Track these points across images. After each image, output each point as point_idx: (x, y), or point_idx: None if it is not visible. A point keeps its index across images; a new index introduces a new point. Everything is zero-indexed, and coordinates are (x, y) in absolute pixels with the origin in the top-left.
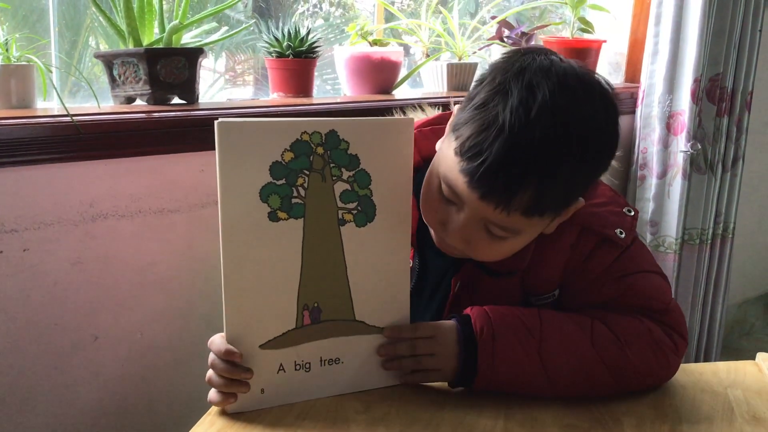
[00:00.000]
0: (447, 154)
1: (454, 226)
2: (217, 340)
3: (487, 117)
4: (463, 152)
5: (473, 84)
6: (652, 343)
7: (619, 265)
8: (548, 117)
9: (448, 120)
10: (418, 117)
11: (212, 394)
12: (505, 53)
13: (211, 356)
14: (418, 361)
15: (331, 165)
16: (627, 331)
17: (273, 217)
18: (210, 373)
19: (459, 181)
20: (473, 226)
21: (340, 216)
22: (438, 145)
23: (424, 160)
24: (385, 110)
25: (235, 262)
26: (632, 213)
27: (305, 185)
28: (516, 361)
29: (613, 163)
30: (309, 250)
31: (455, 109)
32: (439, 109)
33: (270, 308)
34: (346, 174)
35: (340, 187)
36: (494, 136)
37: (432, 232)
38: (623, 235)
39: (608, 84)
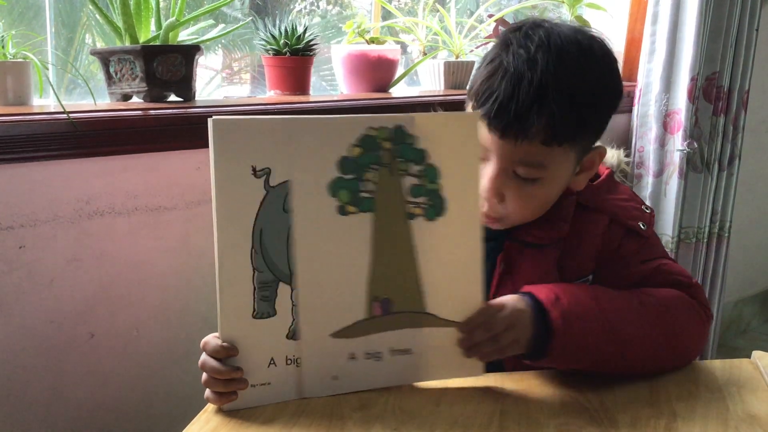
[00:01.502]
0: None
1: (488, 182)
2: (212, 341)
3: (493, 66)
4: (478, 100)
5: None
6: (691, 308)
7: (644, 252)
8: (546, 51)
9: None
10: None
11: (209, 394)
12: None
13: (203, 357)
14: (496, 340)
15: (399, 159)
16: (668, 299)
17: (342, 211)
18: (205, 375)
19: (480, 131)
20: (503, 174)
21: (408, 210)
22: None
23: None
24: (383, 108)
25: (307, 256)
26: (649, 211)
27: (374, 179)
28: (586, 321)
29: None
30: (378, 243)
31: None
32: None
33: (340, 299)
34: (414, 168)
35: (408, 181)
36: (501, 77)
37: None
38: (645, 228)
39: (603, 36)
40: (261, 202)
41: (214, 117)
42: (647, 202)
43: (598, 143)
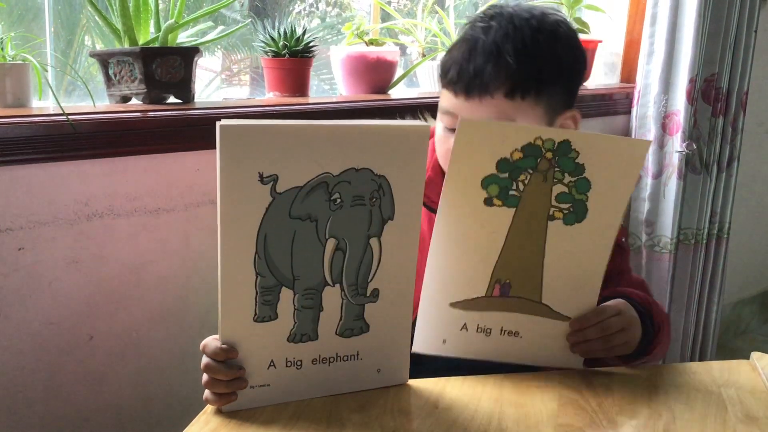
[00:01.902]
0: (441, 97)
1: None
2: (212, 343)
3: (453, 43)
4: (443, 73)
5: None
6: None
7: (619, 265)
8: (500, 18)
9: None
10: None
11: (209, 395)
12: None
13: (205, 359)
14: (608, 341)
15: (556, 169)
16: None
17: (489, 202)
18: (206, 377)
19: (447, 98)
20: None
21: (551, 212)
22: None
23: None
24: (381, 110)
25: (446, 234)
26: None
27: (526, 181)
28: (667, 323)
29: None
30: (514, 234)
31: None
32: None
33: (466, 275)
34: (568, 179)
35: (558, 188)
36: (459, 46)
37: None
38: (624, 240)
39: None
40: (267, 208)
41: (221, 122)
42: (646, 204)
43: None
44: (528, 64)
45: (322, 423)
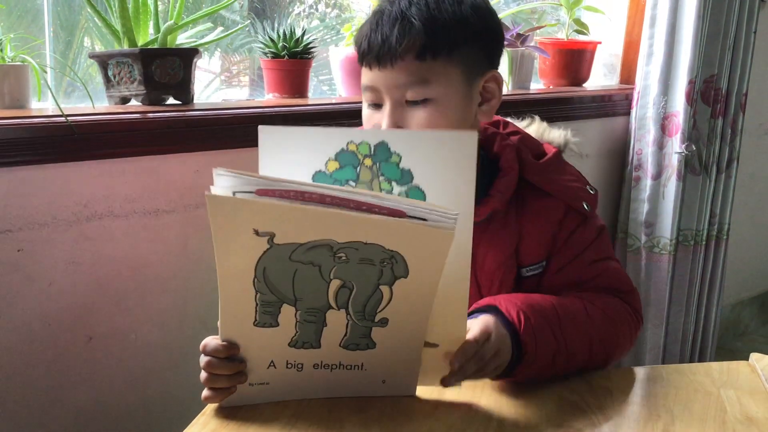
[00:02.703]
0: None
1: (385, 116)
2: (212, 342)
3: (366, 20)
4: (357, 50)
5: None
6: (627, 318)
7: (594, 249)
8: None
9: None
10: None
11: (208, 393)
12: None
13: (205, 358)
14: (482, 369)
15: (381, 178)
16: (609, 307)
17: None
18: (205, 374)
19: (365, 74)
20: (397, 106)
21: None
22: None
23: None
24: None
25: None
26: (593, 191)
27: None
28: (549, 342)
29: (607, 163)
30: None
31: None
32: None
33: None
34: (397, 189)
35: None
36: (369, 20)
37: None
38: (589, 208)
39: None
40: (264, 252)
41: (208, 194)
42: (645, 205)
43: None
44: (433, 24)
45: (322, 423)
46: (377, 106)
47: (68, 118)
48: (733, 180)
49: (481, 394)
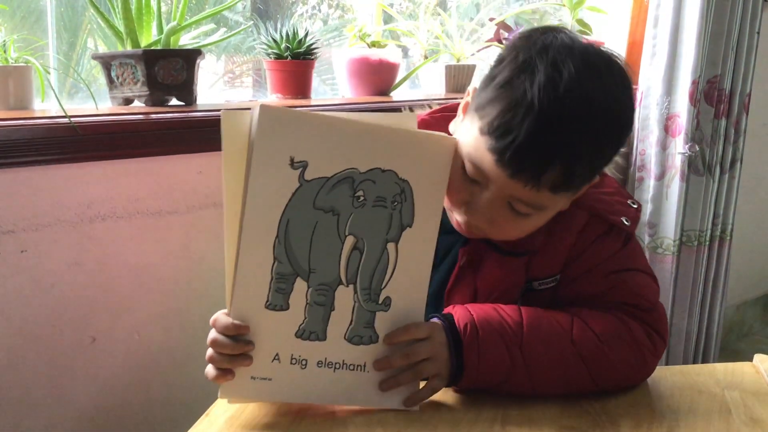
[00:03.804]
0: (471, 133)
1: (479, 205)
2: (222, 318)
3: (514, 95)
4: (491, 131)
5: (493, 63)
6: (631, 342)
7: (615, 260)
8: (576, 94)
9: (459, 106)
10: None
11: (211, 371)
12: (523, 32)
13: (213, 334)
14: (416, 372)
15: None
16: (607, 329)
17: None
18: (211, 351)
19: (486, 159)
20: (498, 204)
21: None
22: (451, 128)
23: None
24: (384, 112)
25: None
26: (636, 206)
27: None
28: (499, 359)
29: (617, 159)
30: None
31: (472, 90)
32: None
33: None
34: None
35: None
36: (523, 114)
37: (452, 214)
38: (629, 224)
39: (623, 60)
40: (293, 193)
41: (262, 104)
42: (648, 206)
43: None
44: (593, 169)
45: (326, 424)
46: (474, 181)
47: (71, 119)
48: (737, 180)
49: (486, 394)
